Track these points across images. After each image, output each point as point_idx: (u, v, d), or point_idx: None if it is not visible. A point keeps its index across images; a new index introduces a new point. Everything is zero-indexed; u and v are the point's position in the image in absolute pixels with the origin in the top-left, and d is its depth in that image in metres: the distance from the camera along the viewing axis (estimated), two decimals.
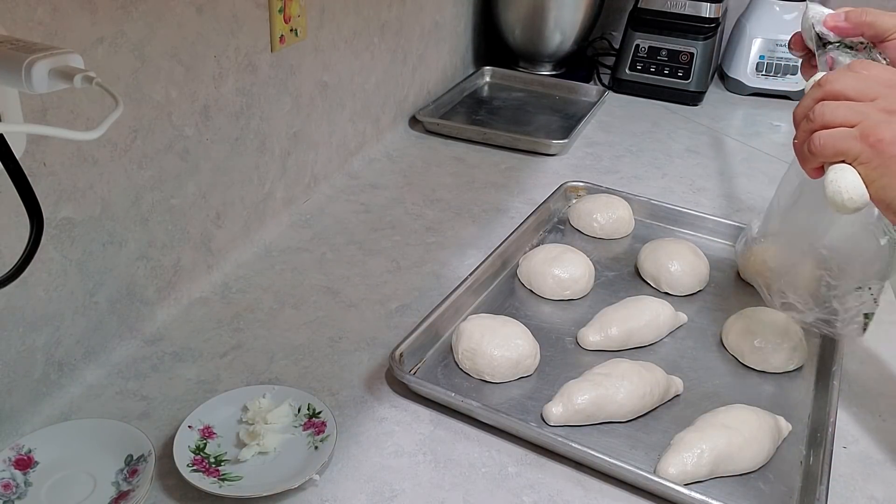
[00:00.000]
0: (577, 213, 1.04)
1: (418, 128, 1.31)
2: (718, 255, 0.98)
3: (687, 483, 0.64)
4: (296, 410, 0.69)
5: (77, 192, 0.68)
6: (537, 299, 0.89)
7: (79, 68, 0.49)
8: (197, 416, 0.67)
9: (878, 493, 0.66)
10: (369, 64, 1.16)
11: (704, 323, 0.86)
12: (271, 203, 0.98)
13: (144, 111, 0.74)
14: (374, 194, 1.10)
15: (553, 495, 0.64)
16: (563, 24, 1.53)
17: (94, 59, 0.66)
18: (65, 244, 0.68)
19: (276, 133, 0.96)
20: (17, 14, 0.58)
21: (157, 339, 0.79)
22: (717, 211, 1.07)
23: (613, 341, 0.80)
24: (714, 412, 0.70)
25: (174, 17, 0.74)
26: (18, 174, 0.53)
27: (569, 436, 0.67)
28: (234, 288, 0.88)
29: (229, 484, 0.61)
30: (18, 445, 0.62)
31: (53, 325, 0.69)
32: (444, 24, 1.40)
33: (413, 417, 0.71)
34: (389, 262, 0.95)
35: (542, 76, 1.57)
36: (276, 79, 0.93)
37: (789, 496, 0.65)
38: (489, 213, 1.07)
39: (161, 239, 0.80)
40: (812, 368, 0.80)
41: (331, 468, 0.65)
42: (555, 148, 1.25)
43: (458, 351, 0.76)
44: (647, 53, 1.50)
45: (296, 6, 0.93)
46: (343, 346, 0.80)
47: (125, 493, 0.60)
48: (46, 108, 0.62)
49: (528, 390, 0.75)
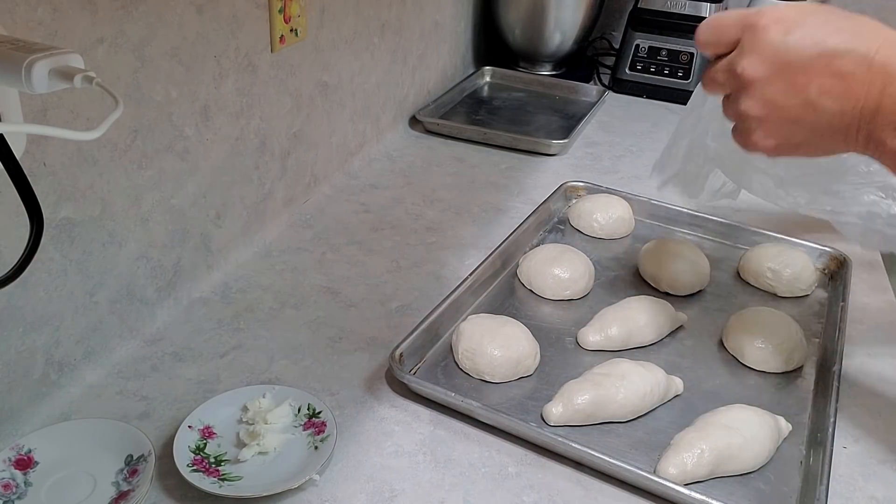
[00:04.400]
0: (577, 213, 1.04)
1: (418, 128, 1.31)
2: (718, 255, 0.98)
3: (687, 483, 0.64)
4: (296, 410, 0.69)
5: (77, 192, 0.68)
6: (537, 299, 0.89)
7: (79, 68, 0.49)
8: (197, 416, 0.67)
9: (878, 493, 0.66)
10: (369, 64, 1.16)
11: (704, 323, 0.86)
12: (271, 203, 0.98)
13: (144, 111, 0.74)
14: (374, 194, 1.10)
15: (553, 495, 0.64)
16: (563, 24, 1.53)
17: (94, 59, 0.66)
18: (65, 244, 0.68)
19: (276, 133, 0.96)
20: (17, 14, 0.58)
21: (157, 339, 0.79)
22: (717, 211, 1.06)
23: (613, 341, 0.80)
24: (714, 412, 0.70)
25: (174, 17, 0.74)
26: (18, 174, 0.53)
27: (569, 436, 0.67)
28: (234, 288, 0.88)
29: (229, 484, 0.61)
30: (18, 445, 0.62)
31: (53, 325, 0.69)
32: (444, 24, 1.40)
33: (413, 417, 0.71)
34: (389, 262, 0.95)
35: (542, 76, 1.57)
36: (276, 79, 0.93)
37: (789, 496, 0.65)
38: (489, 213, 1.07)
39: (161, 239, 0.80)
40: (812, 368, 0.80)
41: (331, 468, 0.65)
42: (555, 148, 1.25)
43: (458, 351, 0.76)
44: (647, 53, 1.50)
45: (296, 6, 0.93)
46: (343, 346, 0.80)
47: (125, 493, 0.60)
48: (46, 108, 0.62)
49: (528, 390, 0.75)
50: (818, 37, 0.53)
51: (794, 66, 0.53)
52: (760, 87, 0.55)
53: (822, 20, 0.53)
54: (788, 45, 0.53)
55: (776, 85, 0.54)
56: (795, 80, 0.53)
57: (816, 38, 0.53)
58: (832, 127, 0.54)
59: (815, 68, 0.52)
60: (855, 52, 0.51)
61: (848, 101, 0.52)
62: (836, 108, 0.53)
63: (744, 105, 0.57)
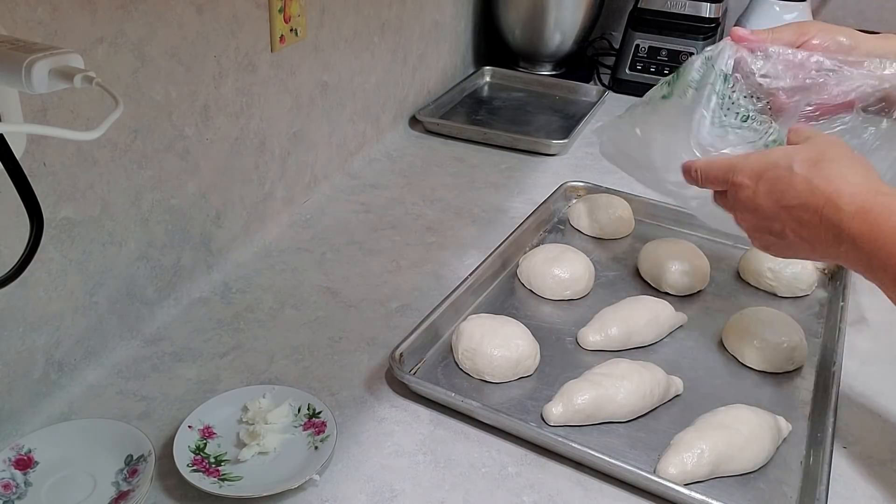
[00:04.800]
0: (577, 213, 1.04)
1: (418, 128, 1.31)
2: (718, 255, 0.98)
3: (687, 483, 0.64)
4: (296, 410, 0.69)
5: (77, 192, 0.68)
6: (537, 299, 0.89)
7: (79, 68, 0.49)
8: (197, 416, 0.67)
9: (878, 493, 0.66)
10: (369, 64, 1.16)
11: (704, 323, 0.86)
12: (271, 203, 0.98)
13: (144, 111, 0.74)
14: (374, 194, 1.10)
15: (553, 495, 0.64)
16: (563, 24, 1.53)
17: (94, 59, 0.66)
18: (65, 244, 0.68)
19: (276, 133, 0.96)
20: (17, 14, 0.58)
21: (157, 339, 0.79)
22: None
23: (613, 341, 0.80)
24: (714, 412, 0.70)
25: (174, 17, 0.74)
26: (18, 174, 0.53)
27: (569, 436, 0.67)
28: (234, 288, 0.88)
29: (229, 484, 0.61)
30: (18, 445, 0.62)
31: (53, 325, 0.69)
32: (444, 24, 1.40)
33: (413, 417, 0.71)
34: (389, 262, 0.95)
35: (542, 76, 1.57)
36: (276, 79, 0.93)
37: (789, 496, 0.65)
38: (489, 213, 1.07)
39: (161, 239, 0.80)
40: (812, 368, 0.80)
41: (331, 468, 0.65)
42: (555, 148, 1.25)
43: (458, 351, 0.76)
44: (647, 53, 1.50)
45: (296, 6, 0.93)
46: (343, 346, 0.80)
47: (125, 493, 0.60)
48: (46, 108, 0.62)
49: (528, 390, 0.75)
50: (778, 192, 0.60)
51: (768, 217, 0.62)
52: (753, 231, 0.65)
53: (780, 175, 0.60)
54: (757, 201, 0.62)
55: (762, 230, 0.64)
56: (772, 226, 0.62)
57: (776, 193, 0.60)
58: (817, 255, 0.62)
59: (781, 218, 0.61)
60: (807, 205, 0.59)
61: (816, 243, 0.60)
62: (808, 246, 0.61)
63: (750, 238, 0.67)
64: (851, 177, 0.58)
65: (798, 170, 0.59)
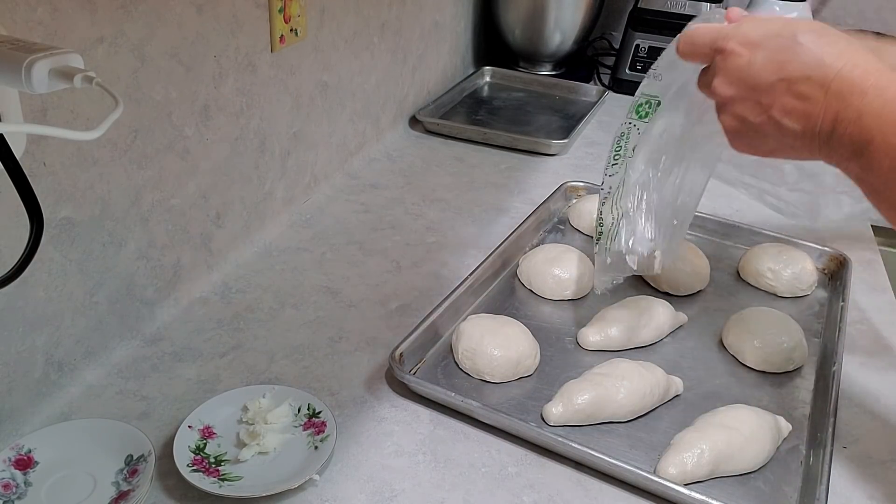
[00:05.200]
0: (577, 213, 1.04)
1: (418, 128, 1.31)
2: (718, 255, 0.98)
3: (687, 483, 0.64)
4: (296, 410, 0.69)
5: (77, 192, 0.68)
6: (537, 299, 0.89)
7: (79, 68, 0.49)
8: (197, 416, 0.67)
9: (878, 493, 0.66)
10: (369, 64, 1.16)
11: (704, 323, 0.86)
12: (271, 203, 0.98)
13: (144, 111, 0.74)
14: (374, 194, 1.10)
15: (553, 495, 0.64)
16: (563, 24, 1.53)
17: (94, 59, 0.66)
18: (65, 244, 0.68)
19: (276, 133, 0.96)
20: (17, 14, 0.58)
21: (157, 339, 0.79)
22: (717, 211, 1.06)
23: (613, 341, 0.80)
24: (714, 412, 0.70)
25: (174, 17, 0.74)
26: (18, 174, 0.53)
27: (569, 436, 0.67)
28: (234, 288, 0.88)
29: (229, 484, 0.61)
30: (18, 445, 0.62)
31: (53, 325, 0.69)
32: (444, 24, 1.40)
33: (413, 417, 0.71)
34: (389, 262, 0.95)
35: (542, 76, 1.57)
36: (276, 79, 0.93)
37: (789, 496, 0.65)
38: (489, 213, 1.07)
39: (161, 239, 0.80)
40: (812, 368, 0.80)
41: (331, 468, 0.65)
42: (555, 148, 1.25)
43: (458, 351, 0.76)
44: (647, 53, 1.50)
45: (296, 6, 0.93)
46: (343, 346, 0.80)
47: (125, 493, 0.60)
48: (46, 108, 0.62)
49: (528, 390, 0.75)
50: (779, 62, 0.56)
51: (758, 89, 0.57)
52: (731, 105, 0.60)
53: (783, 45, 0.56)
54: (752, 70, 0.57)
55: (744, 104, 0.59)
56: (760, 100, 0.57)
57: (777, 63, 0.56)
58: (796, 142, 0.58)
59: (776, 91, 0.56)
60: (812, 78, 0.55)
61: (808, 122, 0.56)
62: (797, 127, 0.56)
63: (720, 117, 0.62)
64: (861, 54, 0.55)
65: (803, 41, 0.56)
